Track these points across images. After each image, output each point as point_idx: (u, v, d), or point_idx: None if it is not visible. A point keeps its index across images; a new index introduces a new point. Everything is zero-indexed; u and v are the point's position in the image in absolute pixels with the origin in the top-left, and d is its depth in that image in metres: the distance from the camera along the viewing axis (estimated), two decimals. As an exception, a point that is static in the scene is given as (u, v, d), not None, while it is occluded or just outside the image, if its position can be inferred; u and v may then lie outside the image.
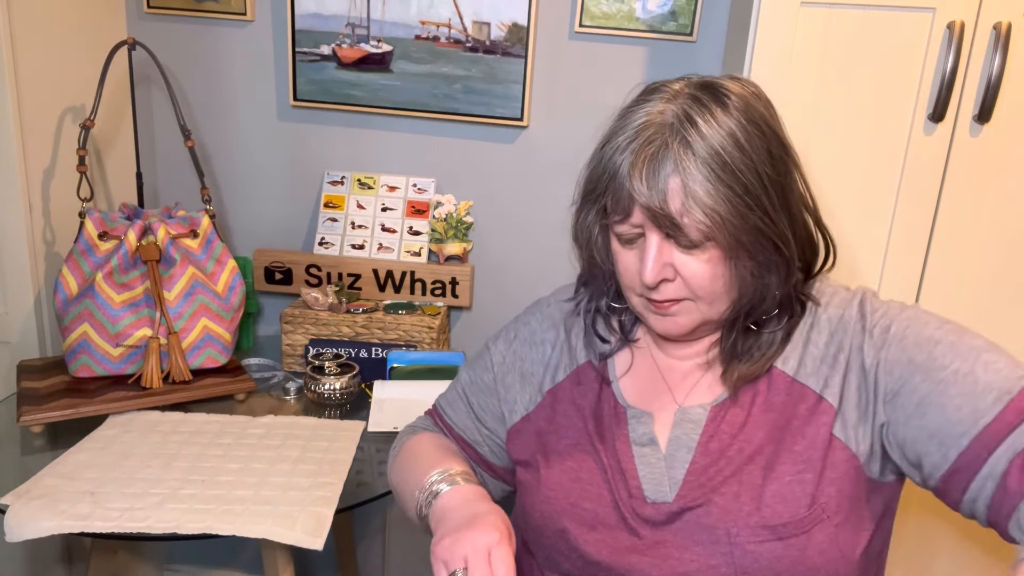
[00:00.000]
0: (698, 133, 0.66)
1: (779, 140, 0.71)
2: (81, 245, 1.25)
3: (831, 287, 0.79)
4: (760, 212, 0.68)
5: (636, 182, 0.67)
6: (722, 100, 0.69)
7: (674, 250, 0.70)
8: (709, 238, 0.68)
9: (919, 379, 0.69)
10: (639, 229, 0.71)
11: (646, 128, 0.69)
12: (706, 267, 0.69)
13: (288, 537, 0.94)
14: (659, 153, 0.67)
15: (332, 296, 1.50)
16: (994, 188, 1.10)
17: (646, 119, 0.70)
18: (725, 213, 0.66)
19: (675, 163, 0.66)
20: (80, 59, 1.43)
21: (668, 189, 0.66)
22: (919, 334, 0.71)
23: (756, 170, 0.67)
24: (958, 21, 1.04)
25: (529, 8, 1.46)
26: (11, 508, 0.93)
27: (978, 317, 1.15)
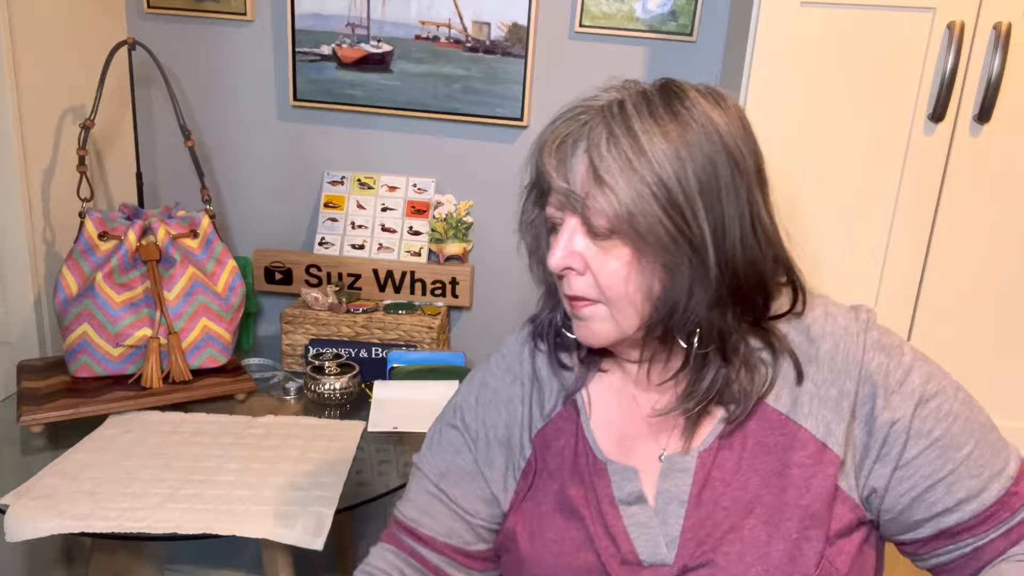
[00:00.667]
0: (624, 120, 0.62)
1: (735, 159, 0.64)
2: (81, 245, 1.25)
3: (824, 309, 0.72)
4: (675, 216, 0.62)
5: (547, 157, 0.65)
6: (671, 99, 0.64)
7: (588, 242, 0.65)
8: (613, 231, 0.63)
9: (935, 456, 0.67)
10: (560, 214, 0.67)
11: (575, 108, 0.67)
12: (617, 264, 0.64)
13: (288, 537, 0.94)
14: (576, 131, 0.64)
15: (332, 296, 1.50)
16: (994, 188, 1.10)
17: (582, 102, 0.67)
18: (629, 204, 0.61)
19: (588, 142, 0.63)
20: (80, 59, 1.43)
21: (575, 167, 0.64)
22: (940, 407, 0.68)
23: (684, 170, 0.62)
24: (958, 21, 1.04)
25: (529, 8, 1.46)
26: (11, 508, 0.93)
27: (978, 317, 1.15)
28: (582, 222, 0.65)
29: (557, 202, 0.67)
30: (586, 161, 0.63)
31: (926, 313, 1.16)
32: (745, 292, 0.67)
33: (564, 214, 0.67)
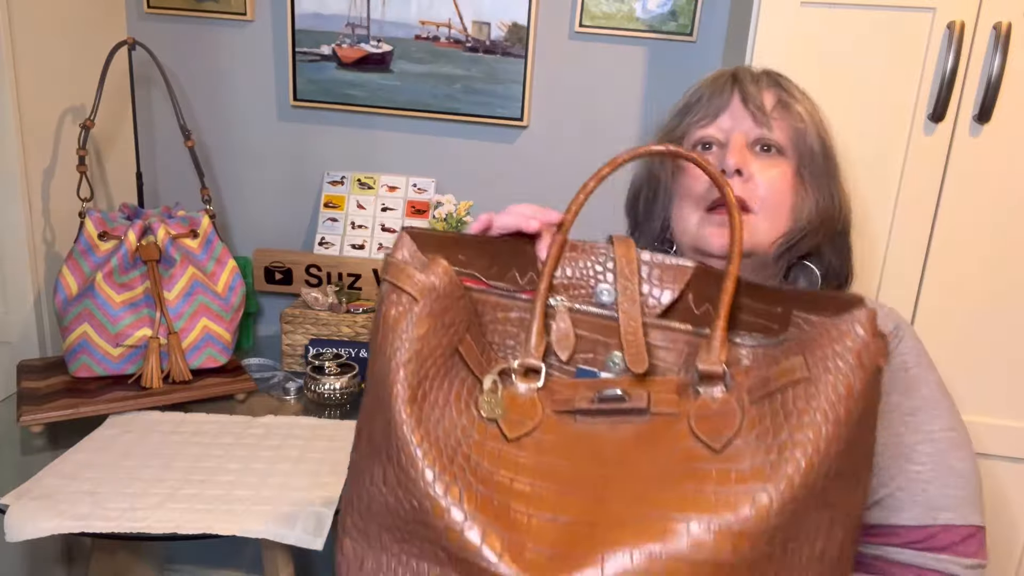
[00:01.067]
0: (783, 76, 0.82)
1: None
2: (81, 245, 1.25)
3: (877, 301, 0.82)
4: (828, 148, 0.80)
5: (744, 80, 0.79)
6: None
7: (753, 157, 0.78)
8: (789, 143, 0.78)
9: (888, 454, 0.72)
10: (723, 135, 0.79)
11: (737, 66, 0.84)
12: (779, 176, 0.77)
13: (288, 537, 0.94)
14: (759, 74, 0.82)
15: (332, 296, 1.50)
16: (994, 188, 1.10)
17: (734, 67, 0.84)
18: (813, 117, 0.79)
19: (771, 82, 0.81)
20: (80, 59, 1.43)
21: (765, 92, 0.79)
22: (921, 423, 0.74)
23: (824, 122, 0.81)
24: (958, 21, 1.04)
25: (529, 8, 1.46)
26: (11, 508, 0.93)
27: (978, 317, 1.15)
28: (752, 137, 0.78)
29: (727, 121, 0.79)
30: (777, 89, 0.80)
31: (926, 313, 1.16)
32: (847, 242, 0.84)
33: (730, 132, 0.79)
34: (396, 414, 0.52)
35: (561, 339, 0.60)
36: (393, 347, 0.54)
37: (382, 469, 0.54)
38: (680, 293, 0.62)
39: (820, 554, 0.51)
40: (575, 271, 0.63)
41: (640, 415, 0.56)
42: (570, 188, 1.65)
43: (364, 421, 0.58)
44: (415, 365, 0.54)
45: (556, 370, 0.60)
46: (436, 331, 0.56)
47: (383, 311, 0.56)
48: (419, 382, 0.54)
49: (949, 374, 1.18)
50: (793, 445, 0.48)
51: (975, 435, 1.19)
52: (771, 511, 0.47)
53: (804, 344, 0.52)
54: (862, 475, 0.53)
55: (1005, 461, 1.19)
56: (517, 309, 0.61)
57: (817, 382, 0.50)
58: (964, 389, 1.18)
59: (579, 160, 1.57)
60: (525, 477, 0.53)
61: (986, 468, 1.20)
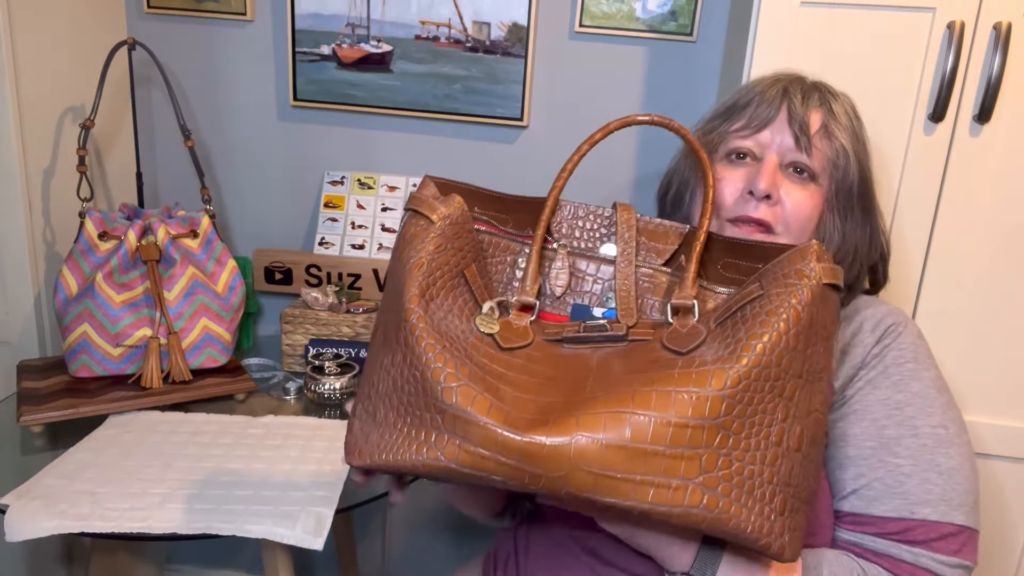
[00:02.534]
0: (836, 94, 0.82)
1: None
2: (81, 245, 1.25)
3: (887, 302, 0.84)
4: (869, 173, 0.81)
5: (795, 96, 0.79)
6: (842, 94, 0.84)
7: (784, 180, 0.78)
8: (825, 171, 0.78)
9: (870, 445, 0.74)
10: (759, 150, 0.80)
11: (795, 76, 0.84)
12: (809, 201, 0.78)
13: (288, 537, 0.94)
14: (811, 89, 0.81)
15: (332, 296, 1.50)
16: (994, 188, 1.10)
17: (793, 74, 0.84)
18: (854, 145, 0.79)
19: (822, 99, 0.80)
20: (80, 59, 1.43)
21: (812, 114, 0.79)
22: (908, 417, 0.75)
23: (866, 144, 0.82)
24: (958, 21, 1.04)
25: (529, 8, 1.46)
26: (11, 508, 0.93)
27: (978, 317, 1.15)
28: (786, 160, 0.79)
29: (766, 137, 0.80)
30: (821, 114, 0.80)
31: (926, 313, 1.16)
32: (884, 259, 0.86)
33: (766, 149, 0.79)
34: (406, 302, 0.61)
35: (557, 276, 0.69)
36: (407, 254, 0.64)
37: (391, 353, 0.62)
38: (673, 252, 0.71)
39: (778, 440, 0.58)
40: (582, 232, 0.72)
41: (619, 341, 0.65)
42: (570, 188, 1.66)
43: (379, 319, 0.66)
44: (426, 270, 0.63)
45: (552, 307, 0.70)
46: (446, 250, 0.65)
47: (403, 230, 0.66)
48: (428, 285, 0.63)
49: (949, 374, 1.19)
50: (748, 338, 0.58)
51: (975, 435, 1.20)
52: (727, 383, 0.56)
53: (761, 274, 0.63)
54: (819, 383, 0.60)
55: (1005, 461, 1.19)
56: (523, 254, 0.71)
57: (769, 295, 0.60)
58: (964, 389, 1.18)
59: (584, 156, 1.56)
60: (514, 372, 0.61)
61: (986, 468, 1.20)
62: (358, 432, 0.64)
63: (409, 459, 0.59)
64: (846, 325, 0.80)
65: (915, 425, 0.73)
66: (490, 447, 0.55)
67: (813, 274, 0.59)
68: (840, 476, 0.75)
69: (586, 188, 1.56)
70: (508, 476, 0.56)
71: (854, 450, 0.74)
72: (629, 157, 1.54)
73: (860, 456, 0.74)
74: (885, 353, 0.77)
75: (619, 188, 1.56)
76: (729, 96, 0.86)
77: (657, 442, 0.54)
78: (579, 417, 0.55)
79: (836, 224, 0.80)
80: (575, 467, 0.54)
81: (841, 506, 0.75)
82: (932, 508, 0.71)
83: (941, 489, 0.72)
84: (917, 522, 0.71)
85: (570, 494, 0.55)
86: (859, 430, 0.75)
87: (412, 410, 0.60)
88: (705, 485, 0.55)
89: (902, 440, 0.73)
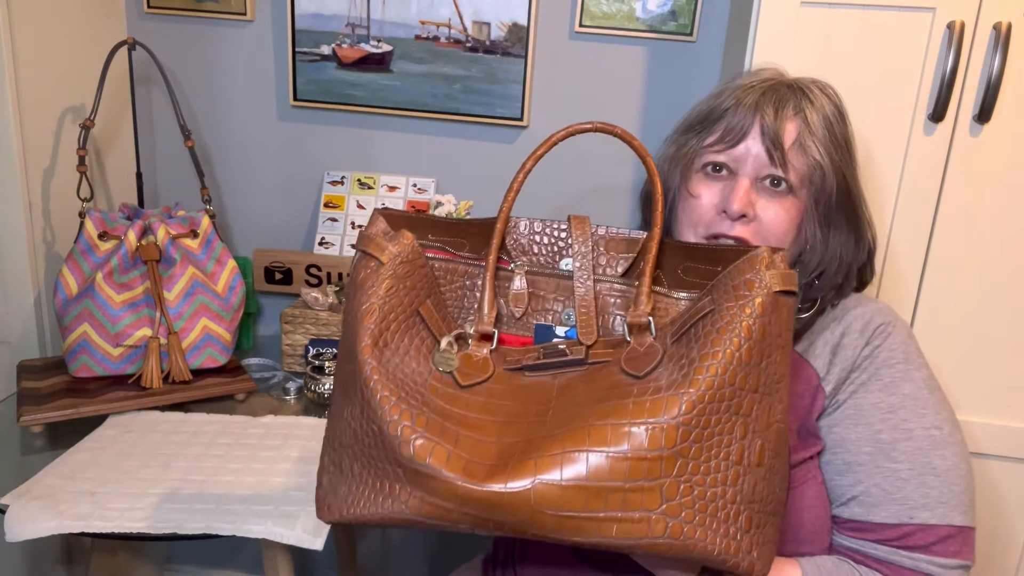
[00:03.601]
0: (814, 96, 0.78)
1: (853, 140, 0.82)
2: (81, 245, 1.25)
3: (874, 299, 0.84)
4: (852, 174, 0.78)
5: (766, 108, 0.76)
6: (824, 89, 0.80)
7: (760, 196, 0.77)
8: (803, 183, 0.76)
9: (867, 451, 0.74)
10: (734, 165, 0.77)
11: (771, 79, 0.80)
12: (785, 216, 0.76)
13: (288, 537, 0.94)
14: (786, 96, 0.77)
15: (332, 296, 1.50)
16: (994, 188, 1.10)
17: (766, 76, 0.80)
18: (832, 155, 0.76)
19: (797, 107, 0.77)
20: (80, 59, 1.43)
21: (787, 126, 0.76)
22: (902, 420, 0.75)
23: (848, 144, 0.79)
24: (958, 21, 1.04)
25: (529, 8, 1.46)
26: (11, 508, 0.93)
27: (978, 317, 1.15)
28: (761, 174, 0.76)
29: (740, 151, 0.77)
30: (796, 124, 0.76)
31: (926, 313, 1.16)
32: (871, 256, 0.83)
33: (741, 164, 0.77)
34: (359, 353, 0.61)
35: (516, 297, 0.69)
36: (359, 301, 0.63)
37: (350, 405, 0.62)
38: (633, 261, 0.70)
39: (738, 458, 0.57)
40: (540, 248, 0.71)
41: (579, 365, 0.64)
42: (570, 188, 1.67)
43: (338, 368, 0.66)
44: (378, 316, 0.62)
45: (513, 326, 0.69)
46: (398, 291, 0.64)
47: (354, 274, 0.65)
48: (380, 332, 0.62)
49: (949, 374, 1.18)
50: (701, 359, 0.57)
51: (975, 435, 1.20)
52: (681, 410, 0.55)
53: (712, 286, 0.61)
54: (777, 393, 0.60)
55: (1004, 461, 1.19)
56: (480, 277, 0.70)
57: (720, 311, 0.59)
58: (964, 389, 1.18)
59: (579, 160, 1.57)
60: (474, 412, 0.61)
61: (985, 468, 1.20)
62: (327, 486, 0.64)
63: (376, 511, 0.59)
64: (836, 325, 0.80)
65: (909, 428, 0.73)
66: (451, 500, 0.55)
67: (763, 284, 0.58)
68: (839, 482, 0.75)
69: (588, 197, 1.56)
70: (473, 524, 0.56)
71: (851, 456, 0.74)
72: (628, 162, 1.54)
73: (857, 462, 0.74)
74: (876, 354, 0.76)
75: (619, 192, 1.56)
76: (704, 102, 0.83)
77: (615, 478, 0.54)
78: (537, 460, 0.55)
79: (818, 234, 0.78)
80: (536, 511, 0.54)
81: (841, 512, 0.75)
82: (931, 512, 0.71)
83: (938, 492, 0.72)
84: (916, 526, 0.71)
85: (536, 535, 0.55)
86: (855, 435, 0.75)
87: (375, 462, 0.60)
88: (667, 514, 0.55)
89: (897, 444, 0.73)
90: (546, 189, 1.58)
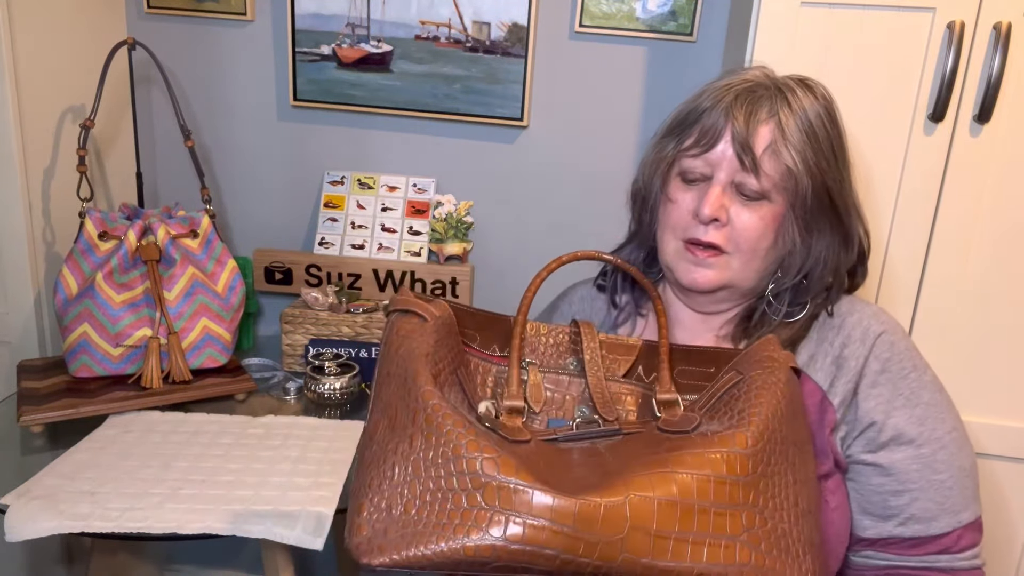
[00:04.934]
0: (795, 98, 0.75)
1: (843, 141, 0.79)
2: (81, 245, 1.25)
3: (865, 300, 0.83)
4: (833, 178, 0.75)
5: (736, 113, 0.74)
6: (813, 89, 0.78)
7: (734, 199, 0.75)
8: (778, 188, 0.74)
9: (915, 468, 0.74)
10: (708, 170, 0.75)
11: (749, 81, 0.77)
12: (759, 222, 0.75)
13: (288, 537, 0.94)
14: (761, 99, 0.75)
15: (332, 296, 1.50)
16: (994, 188, 1.10)
17: (749, 75, 0.78)
18: (808, 161, 0.73)
19: (773, 111, 0.74)
20: (80, 59, 1.43)
21: (760, 130, 0.73)
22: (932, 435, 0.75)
23: (832, 146, 0.76)
24: (958, 21, 1.04)
25: (529, 8, 1.46)
26: (11, 508, 0.93)
27: (978, 317, 1.15)
28: (735, 179, 0.74)
29: (715, 156, 0.75)
30: (770, 127, 0.74)
31: (926, 313, 1.16)
32: (863, 258, 0.82)
33: (716, 169, 0.75)
34: (422, 386, 0.59)
35: (533, 390, 0.70)
36: (410, 346, 0.63)
37: (406, 440, 0.59)
38: (632, 364, 0.73)
39: (795, 501, 0.60)
40: (546, 348, 0.74)
41: (615, 435, 0.65)
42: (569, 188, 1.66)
43: (378, 412, 0.63)
44: (434, 358, 0.62)
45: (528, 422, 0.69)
46: (443, 346, 0.65)
47: (395, 327, 0.66)
48: (436, 372, 0.62)
49: (949, 374, 1.18)
50: (749, 408, 0.61)
51: (975, 435, 1.20)
52: (748, 443, 0.58)
53: (735, 364, 0.68)
54: (808, 452, 0.65)
55: (1005, 461, 1.19)
56: (493, 373, 0.72)
57: (750, 379, 0.64)
58: (964, 389, 1.18)
59: (579, 160, 1.57)
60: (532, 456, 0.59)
61: (986, 468, 1.20)
62: (372, 529, 0.58)
63: (445, 547, 0.54)
64: (835, 336, 0.78)
65: (939, 437, 0.74)
66: (544, 515, 0.53)
67: (782, 358, 0.66)
68: (894, 502, 0.75)
69: (588, 197, 1.56)
70: (563, 548, 0.53)
71: (903, 475, 0.74)
72: (628, 166, 1.54)
73: (910, 481, 0.74)
74: (888, 368, 0.75)
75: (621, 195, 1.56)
76: (685, 102, 0.82)
77: (703, 498, 0.56)
78: (627, 479, 0.55)
79: (798, 238, 0.76)
80: (633, 527, 0.54)
81: (900, 532, 0.74)
82: (969, 511, 0.74)
83: (971, 490, 0.75)
84: (964, 528, 0.74)
85: (627, 560, 0.54)
86: (900, 455, 0.74)
87: (444, 493, 0.56)
88: (750, 543, 0.56)
89: (936, 455, 0.74)
90: (549, 183, 1.58)
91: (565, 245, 1.58)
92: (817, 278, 0.78)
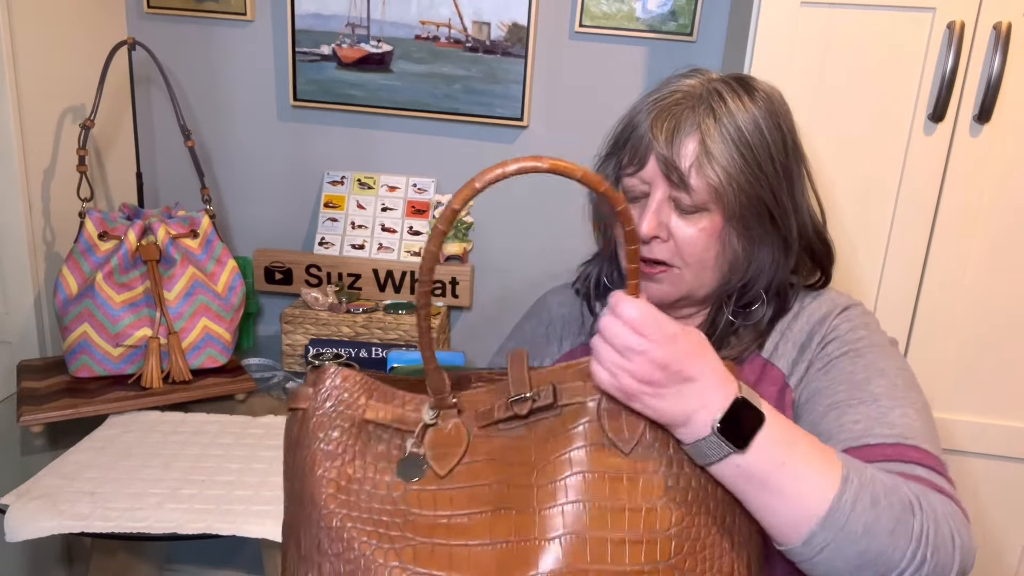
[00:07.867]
0: (724, 107, 0.72)
1: (794, 141, 0.77)
2: (81, 245, 1.25)
3: (831, 288, 0.83)
4: (768, 187, 0.73)
5: (656, 132, 0.72)
6: (751, 91, 0.75)
7: (672, 214, 0.75)
8: (712, 201, 0.73)
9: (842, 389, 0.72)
10: (646, 187, 0.75)
11: (675, 93, 0.75)
12: (700, 235, 0.74)
13: (288, 537, 0.94)
14: (683, 114, 0.73)
15: (332, 296, 1.51)
16: (994, 188, 1.10)
17: (677, 86, 0.76)
18: (735, 175, 0.71)
19: (695, 125, 0.72)
20: (80, 59, 1.43)
21: (683, 145, 0.72)
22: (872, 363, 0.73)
23: (770, 152, 0.73)
24: (958, 21, 1.04)
25: (529, 8, 1.46)
26: (11, 508, 0.93)
27: (978, 317, 1.15)
28: (671, 195, 0.74)
29: (649, 174, 0.74)
30: (695, 141, 0.72)
31: (926, 313, 1.16)
32: (818, 259, 0.81)
33: (652, 186, 0.75)
34: (322, 506, 0.57)
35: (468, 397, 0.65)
36: (299, 458, 0.61)
37: (313, 568, 0.57)
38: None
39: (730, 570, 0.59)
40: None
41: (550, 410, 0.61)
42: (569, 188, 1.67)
43: (288, 540, 0.62)
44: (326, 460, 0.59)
45: None
46: (332, 420, 0.61)
47: (286, 434, 0.65)
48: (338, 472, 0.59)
49: (948, 374, 1.19)
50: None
51: (974, 435, 1.20)
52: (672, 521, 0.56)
53: None
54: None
55: (1003, 461, 1.19)
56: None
57: None
58: (963, 389, 1.18)
59: (579, 160, 1.56)
60: (462, 509, 0.57)
61: (984, 468, 1.20)
62: None
63: None
64: (795, 323, 0.79)
65: (881, 368, 0.72)
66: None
67: None
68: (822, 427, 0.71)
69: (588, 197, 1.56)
70: None
71: (827, 399, 0.71)
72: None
73: (835, 402, 0.71)
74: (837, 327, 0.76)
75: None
76: (618, 121, 0.81)
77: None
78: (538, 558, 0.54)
79: (737, 246, 0.76)
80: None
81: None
82: (921, 440, 0.67)
83: (921, 425, 0.68)
84: (912, 447, 0.66)
85: None
86: (827, 382, 0.72)
87: None
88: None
89: (871, 379, 0.71)
90: (549, 183, 1.59)
91: (565, 245, 1.58)
92: (765, 284, 0.78)
